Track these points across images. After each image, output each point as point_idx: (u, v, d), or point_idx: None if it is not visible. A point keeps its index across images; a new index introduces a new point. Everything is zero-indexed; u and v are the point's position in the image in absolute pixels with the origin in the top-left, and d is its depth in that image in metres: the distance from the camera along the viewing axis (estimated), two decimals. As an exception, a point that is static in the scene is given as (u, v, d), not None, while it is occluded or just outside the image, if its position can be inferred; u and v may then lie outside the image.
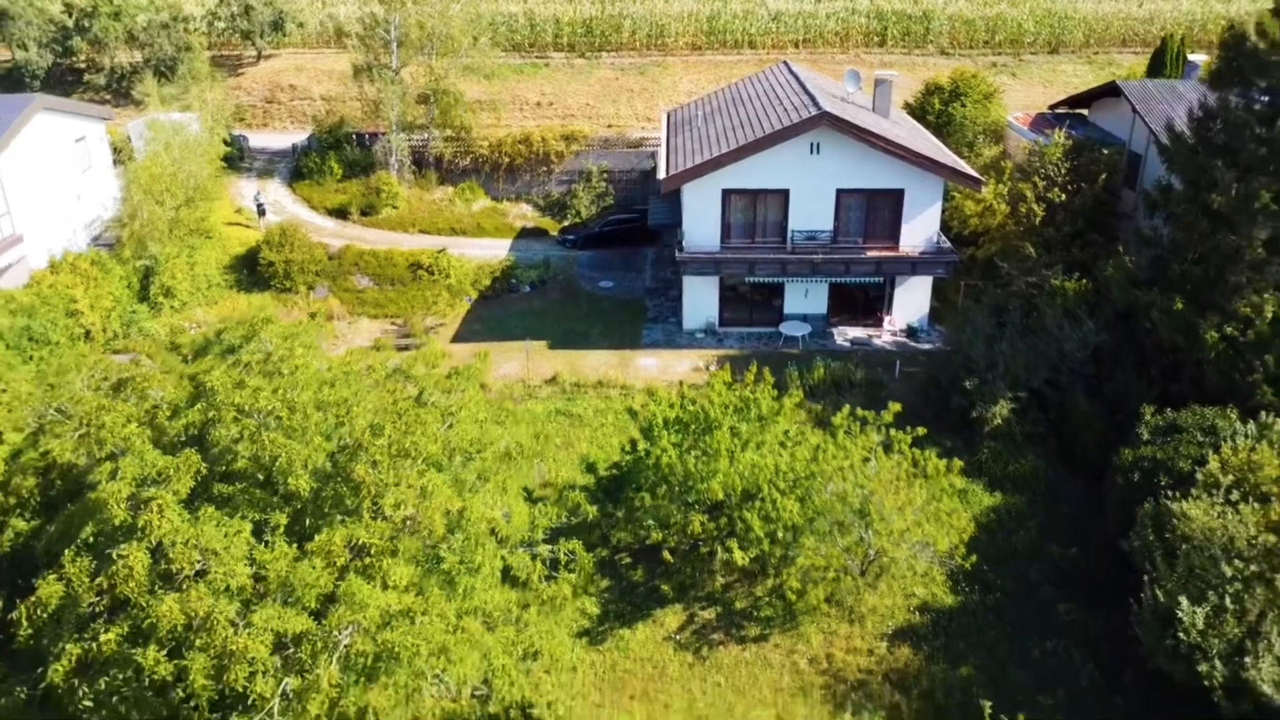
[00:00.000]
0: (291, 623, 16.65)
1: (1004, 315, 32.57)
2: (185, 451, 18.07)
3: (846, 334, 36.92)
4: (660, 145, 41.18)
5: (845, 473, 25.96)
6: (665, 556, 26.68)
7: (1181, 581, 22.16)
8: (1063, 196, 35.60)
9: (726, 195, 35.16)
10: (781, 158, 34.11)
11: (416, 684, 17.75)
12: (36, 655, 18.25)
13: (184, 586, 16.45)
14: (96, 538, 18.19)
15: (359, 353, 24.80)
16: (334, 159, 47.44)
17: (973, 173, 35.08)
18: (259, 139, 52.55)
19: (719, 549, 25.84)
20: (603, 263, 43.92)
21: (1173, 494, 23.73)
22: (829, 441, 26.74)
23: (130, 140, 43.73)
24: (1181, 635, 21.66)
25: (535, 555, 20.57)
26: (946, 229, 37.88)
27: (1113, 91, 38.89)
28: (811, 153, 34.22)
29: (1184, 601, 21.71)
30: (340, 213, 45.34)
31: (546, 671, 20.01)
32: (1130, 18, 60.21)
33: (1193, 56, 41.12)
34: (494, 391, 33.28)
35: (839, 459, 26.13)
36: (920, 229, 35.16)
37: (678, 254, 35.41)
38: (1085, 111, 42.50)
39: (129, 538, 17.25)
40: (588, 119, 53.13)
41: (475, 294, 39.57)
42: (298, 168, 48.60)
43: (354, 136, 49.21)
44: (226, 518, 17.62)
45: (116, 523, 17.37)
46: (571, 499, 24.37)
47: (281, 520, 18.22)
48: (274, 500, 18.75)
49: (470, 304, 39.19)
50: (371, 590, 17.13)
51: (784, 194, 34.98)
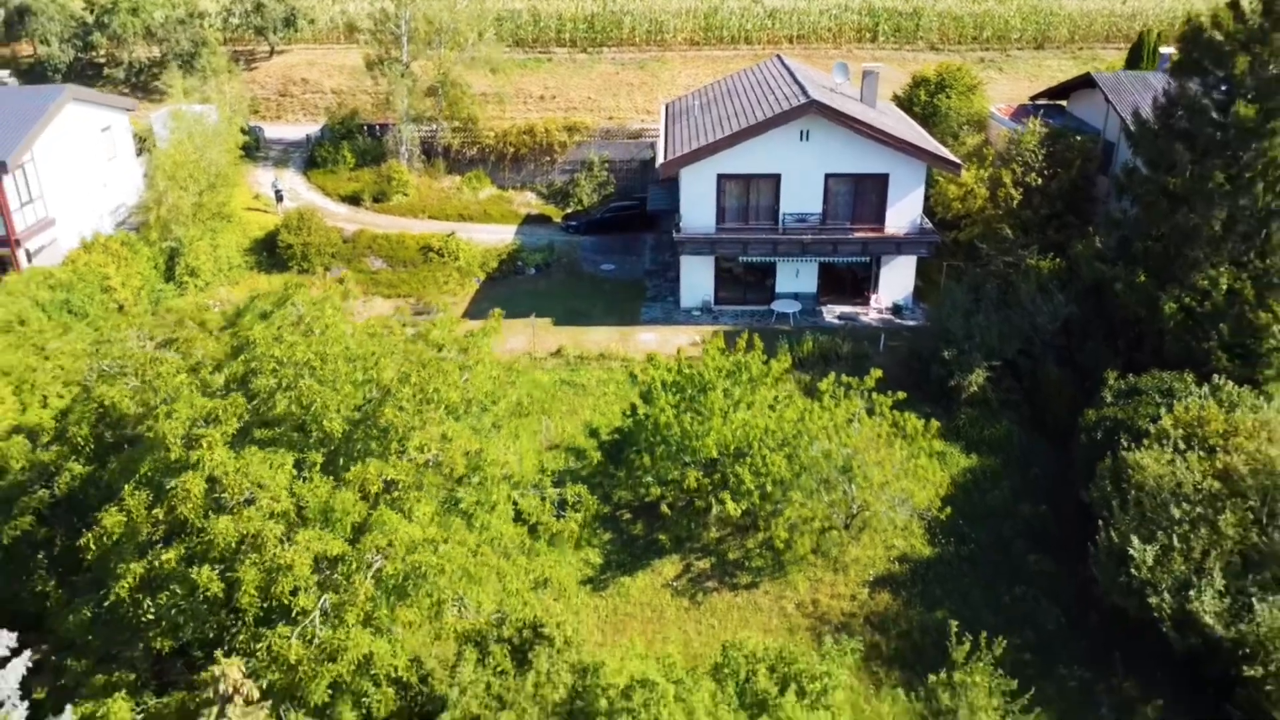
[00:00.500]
0: (330, 545, 18.72)
1: (981, 292, 34.64)
2: (232, 395, 20.15)
3: (835, 311, 39.01)
4: (659, 135, 43.26)
5: (830, 432, 28.09)
6: (663, 510, 28.77)
7: (1134, 524, 24.28)
8: (1039, 181, 37.71)
9: (721, 180, 37.26)
10: (773, 144, 36.21)
11: (440, 604, 19.76)
12: (98, 581, 20.33)
13: (235, 511, 18.51)
14: (153, 474, 20.22)
15: (380, 320, 26.83)
16: (347, 149, 49.57)
17: (953, 157, 37.22)
18: (273, 130, 54.64)
19: (713, 502, 27.91)
20: (604, 247, 46.00)
21: (1130, 446, 25.83)
22: (815, 405, 28.88)
23: (153, 130, 45.76)
24: (1134, 572, 23.78)
25: (544, 497, 22.62)
26: (931, 214, 40.01)
27: (1088, 83, 41.00)
28: (801, 139, 36.31)
29: (1135, 541, 23.84)
30: (353, 199, 47.48)
31: (555, 599, 22.02)
32: (1114, 14, 62.32)
33: (1165, 50, 43.16)
34: (502, 363, 35.35)
35: (824, 420, 28.26)
36: (904, 211, 37.26)
37: (675, 235, 37.52)
38: (1064, 103, 44.60)
39: (183, 472, 19.31)
40: (589, 112, 55.18)
41: (483, 275, 41.62)
42: (312, 157, 50.73)
43: (365, 127, 51.30)
44: (270, 454, 19.66)
45: (173, 458, 19.43)
46: (587, 447, 26.31)
47: (317, 459, 20.27)
48: (310, 442, 20.81)
49: (479, 284, 41.26)
50: (400, 519, 19.21)
51: (775, 178, 37.09)
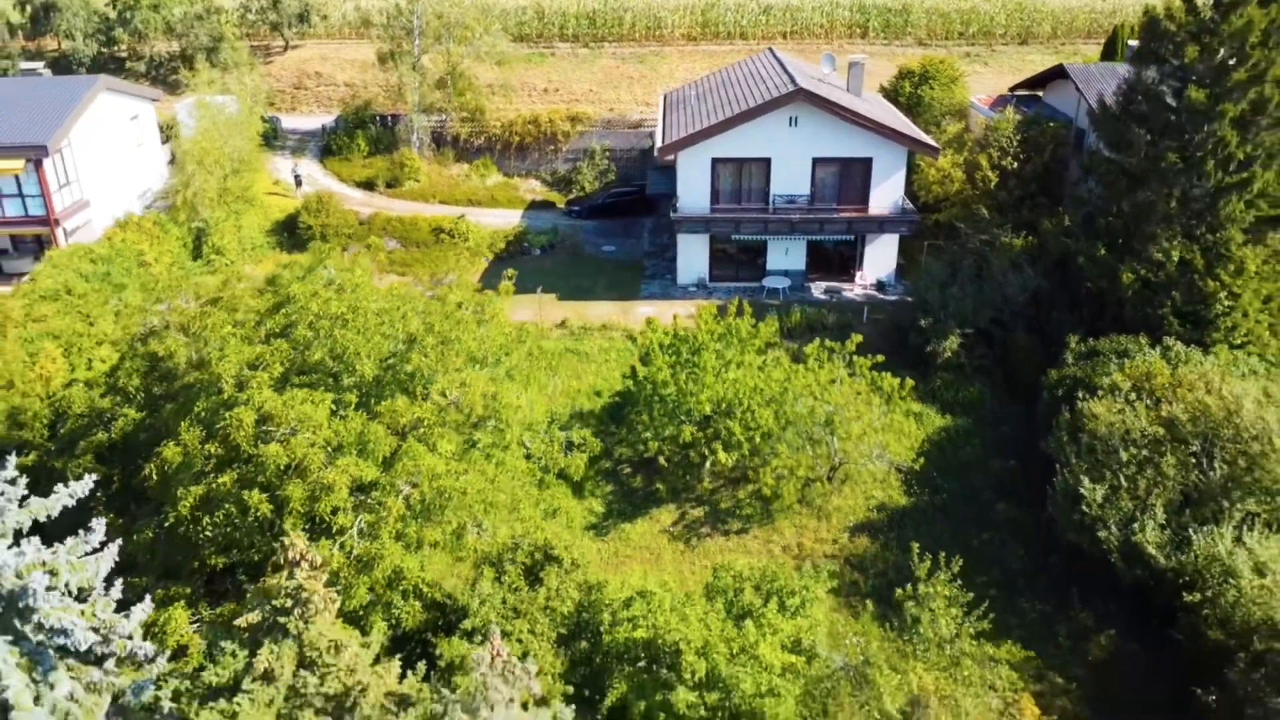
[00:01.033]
0: (365, 471, 21.26)
1: (958, 267, 37.15)
2: (276, 342, 22.67)
3: (822, 288, 41.51)
4: (658, 124, 45.75)
5: (814, 390, 30.63)
6: (660, 463, 31.32)
7: (1086, 467, 26.81)
8: (1014, 165, 40.23)
9: (715, 164, 39.79)
10: (764, 130, 38.73)
11: (461, 528, 22.28)
12: (158, 510, 22.82)
13: (283, 440, 21.02)
14: (205, 414, 22.74)
15: (401, 285, 29.37)
16: (361, 137, 52.11)
17: (931, 141, 39.77)
18: (289, 121, 57.19)
19: (707, 454, 30.43)
20: (605, 230, 48.51)
21: (1086, 400, 28.34)
22: (800, 367, 31.44)
23: (178, 120, 48.27)
24: (1085, 510, 26.30)
25: (552, 439, 25.15)
26: (914, 198, 42.55)
27: (1061, 74, 43.53)
28: (790, 125, 38.82)
29: (1087, 482, 26.37)
30: (367, 185, 50.02)
31: (567, 527, 24.54)
32: (1094, 10, 64.85)
33: (1133, 42, 45.61)
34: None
35: (808, 379, 30.81)
36: (887, 193, 39.79)
37: (673, 214, 40.06)
38: (1041, 93, 47.13)
39: (234, 408, 21.83)
40: (591, 103, 57.68)
41: (491, 255, 44.15)
42: (327, 145, 53.27)
43: (377, 118, 53.84)
44: (310, 393, 22.19)
45: (225, 397, 21.97)
46: (591, 406, 28.81)
47: (352, 399, 22.80)
48: (344, 387, 23.33)
49: (487, 264, 43.78)
50: (426, 451, 21.74)
51: (766, 162, 39.62)
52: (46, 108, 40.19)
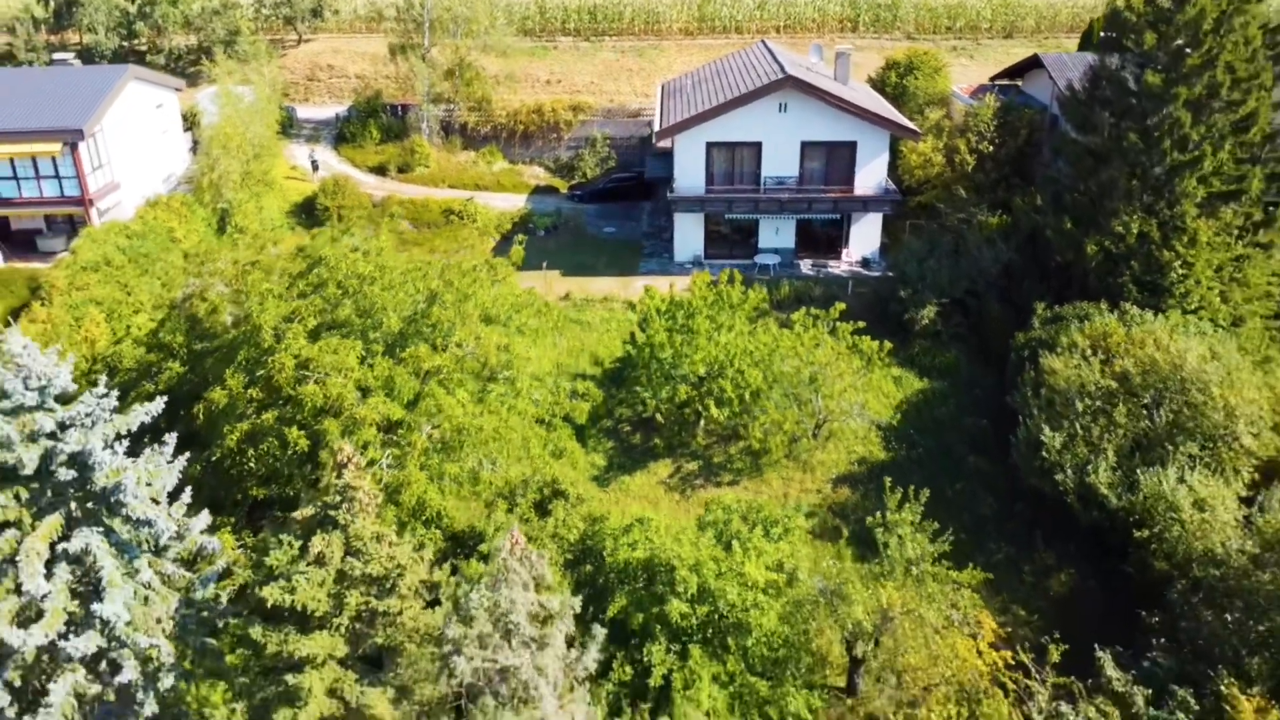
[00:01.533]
0: (392, 410, 23.80)
1: (936, 243, 39.70)
2: (312, 297, 25.22)
3: (811, 265, 44.05)
4: (655, 112, 48.28)
5: (799, 351, 33.18)
6: (657, 420, 33.87)
7: (1045, 417, 29.36)
8: (990, 149, 42.77)
9: (710, 147, 42.35)
10: (755, 115, 41.28)
11: (479, 463, 24.81)
12: (205, 446, 25.35)
13: (319, 382, 23.57)
14: (247, 362, 25.29)
15: (419, 253, 31.92)
16: (373, 125, 54.73)
17: (912, 125, 42.35)
18: (303, 111, 59.75)
19: (701, 410, 32.98)
20: (606, 213, 51.07)
21: (1046, 357, 30.89)
22: (787, 332, 34.00)
23: (199, 109, 50.80)
24: (1045, 455, 28.85)
25: (558, 388, 27.71)
26: (898, 183, 45.10)
27: (1037, 63, 46.06)
28: (780, 111, 41.37)
29: (1046, 430, 28.92)
30: (380, 170, 52.60)
31: (572, 467, 27.07)
32: (1076, 5, 67.39)
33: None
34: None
35: (794, 342, 33.37)
36: (871, 174, 42.34)
37: (670, 195, 42.62)
38: (1020, 82, 49.66)
39: (274, 355, 24.37)
40: (592, 94, 60.18)
41: (499, 235, 46.71)
42: (341, 133, 55.86)
43: (388, 107, 56.43)
44: (341, 342, 24.74)
45: (265, 345, 24.52)
46: (593, 371, 31.38)
47: (379, 349, 25.35)
48: (371, 340, 25.88)
49: (495, 243, 46.32)
50: (445, 394, 24.30)
51: (757, 146, 42.18)
52: (80, 95, 42.70)
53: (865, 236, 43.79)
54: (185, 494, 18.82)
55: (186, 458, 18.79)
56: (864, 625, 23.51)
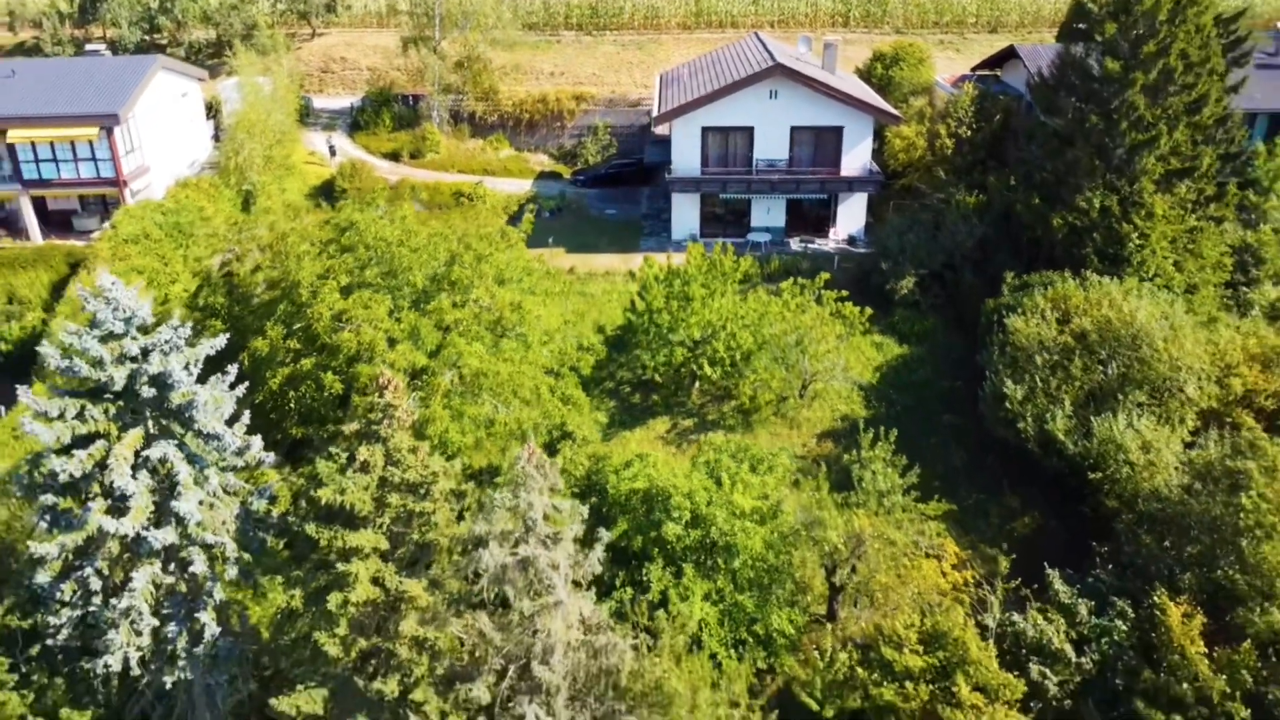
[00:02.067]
0: (417, 357, 26.61)
1: (916, 220, 42.51)
2: (343, 256, 28.05)
3: (800, 242, 46.88)
4: (654, 100, 51.07)
5: (786, 316, 36.00)
6: (656, 379, 36.70)
7: (1008, 371, 32.18)
8: (968, 133, 45.58)
9: (705, 132, 45.17)
10: (747, 101, 44.09)
11: (495, 406, 27.61)
12: (248, 391, 28.12)
13: (353, 330, 26.39)
14: (285, 315, 28.10)
15: (437, 224, 34.72)
16: (386, 114, 57.61)
17: (894, 111, 45.19)
18: (318, 101, 62.61)
19: (695, 370, 35.80)
20: (608, 197, 53.92)
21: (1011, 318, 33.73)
22: (775, 299, 36.83)
23: (222, 97, 53.63)
24: (1008, 406, 31.67)
25: (565, 341, 30.53)
26: (884, 167, 47.93)
27: (1013, 54, 48.87)
28: (771, 97, 44.19)
29: (1009, 383, 31.75)
30: (393, 156, 55.48)
31: (579, 412, 29.88)
32: (1060, 0, 70.10)
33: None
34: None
35: (781, 307, 36.19)
36: (856, 157, 45.17)
37: (667, 176, 45.42)
38: (999, 72, 52.48)
39: (310, 309, 27.18)
40: (594, 85, 62.97)
41: (506, 216, 49.54)
42: (355, 121, 58.74)
43: (400, 97, 59.27)
44: (371, 296, 27.56)
45: (303, 298, 27.33)
46: (594, 341, 34.19)
47: (405, 304, 28.18)
48: (397, 298, 28.69)
49: (504, 222, 49.10)
50: (465, 344, 27.11)
51: (749, 130, 45.01)
52: (114, 83, 45.50)
53: (851, 216, 46.60)
54: (245, 417, 21.60)
55: (245, 386, 21.53)
56: (840, 550, 26.29)
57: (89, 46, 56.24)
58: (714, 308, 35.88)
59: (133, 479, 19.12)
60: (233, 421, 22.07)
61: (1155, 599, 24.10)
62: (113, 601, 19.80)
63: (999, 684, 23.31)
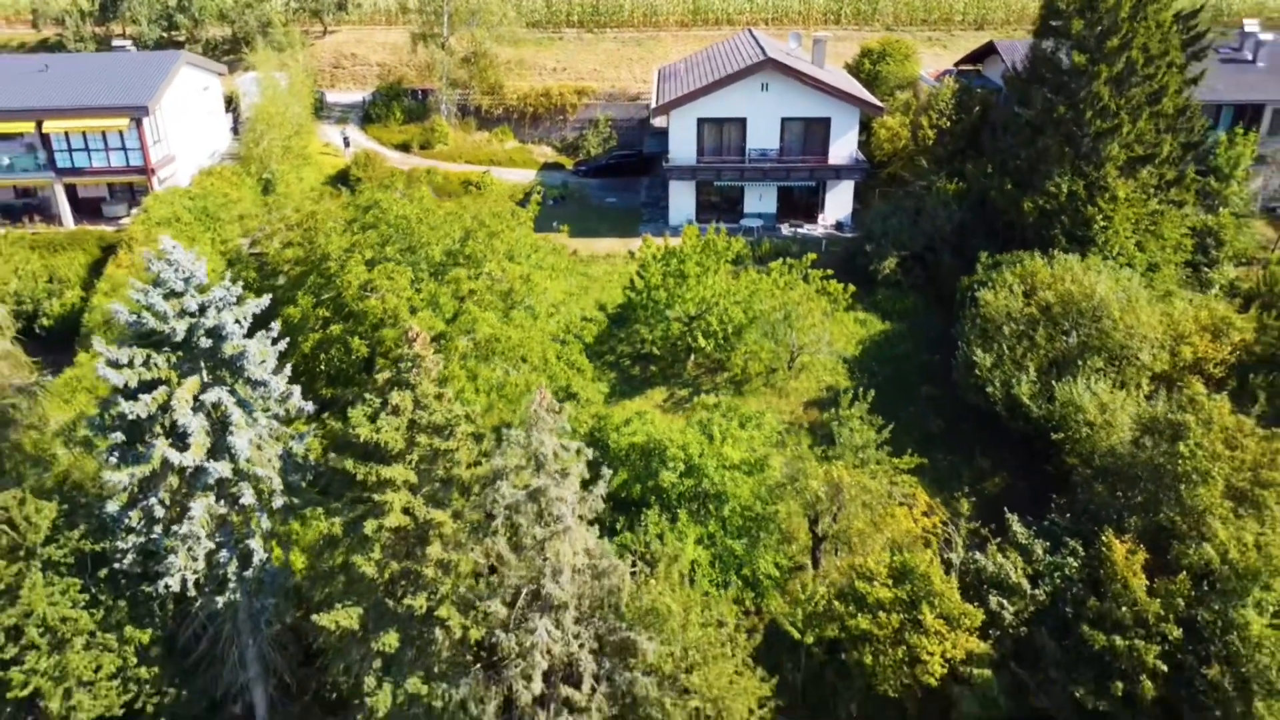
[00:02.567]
0: (435, 324, 29.27)
1: (898, 205, 45.17)
2: (366, 233, 30.72)
3: (789, 227, 49.58)
4: (653, 94, 53.72)
5: (776, 294, 38.67)
6: (653, 352, 39.37)
7: (979, 341, 34.85)
8: (949, 124, 48.26)
9: (700, 123, 47.86)
10: (740, 94, 46.78)
11: (506, 371, 30.27)
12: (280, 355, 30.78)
13: (380, 298, 29.05)
14: (314, 286, 30.75)
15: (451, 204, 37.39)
16: (396, 108, 60.30)
17: (878, 102, 47.88)
18: (331, 95, 65.27)
19: (690, 342, 38.48)
20: (608, 186, 56.64)
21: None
22: (764, 277, 39.51)
23: (241, 91, 56.29)
24: (978, 373, 34.34)
25: (570, 311, 33.21)
26: (870, 158, 50.61)
27: (993, 49, 51.53)
28: (762, 90, 46.86)
29: (979, 351, 34.43)
30: (404, 147, 58.18)
31: (583, 376, 32.56)
32: None
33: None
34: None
35: (770, 285, 38.87)
36: (844, 147, 47.86)
37: (665, 165, 48.10)
38: (980, 67, 55.14)
39: (338, 280, 29.82)
40: (595, 81, 65.64)
41: (513, 204, 52.23)
42: (367, 114, 61.44)
43: (409, 91, 61.96)
44: (395, 268, 30.22)
45: (332, 270, 29.99)
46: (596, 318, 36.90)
47: (424, 275, 30.84)
48: (420, 268, 31.34)
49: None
50: (479, 311, 29.78)
51: (742, 121, 47.70)
52: (141, 76, 48.17)
53: (839, 202, 49.28)
54: (286, 369, 24.28)
55: (287, 341, 24.19)
56: (821, 499, 28.94)
57: (115, 43, 58.87)
58: (708, 284, 38.52)
59: (193, 418, 21.80)
60: (275, 373, 24.74)
61: (1104, 539, 26.76)
62: (174, 528, 22.48)
63: (960, 613, 26.00)
